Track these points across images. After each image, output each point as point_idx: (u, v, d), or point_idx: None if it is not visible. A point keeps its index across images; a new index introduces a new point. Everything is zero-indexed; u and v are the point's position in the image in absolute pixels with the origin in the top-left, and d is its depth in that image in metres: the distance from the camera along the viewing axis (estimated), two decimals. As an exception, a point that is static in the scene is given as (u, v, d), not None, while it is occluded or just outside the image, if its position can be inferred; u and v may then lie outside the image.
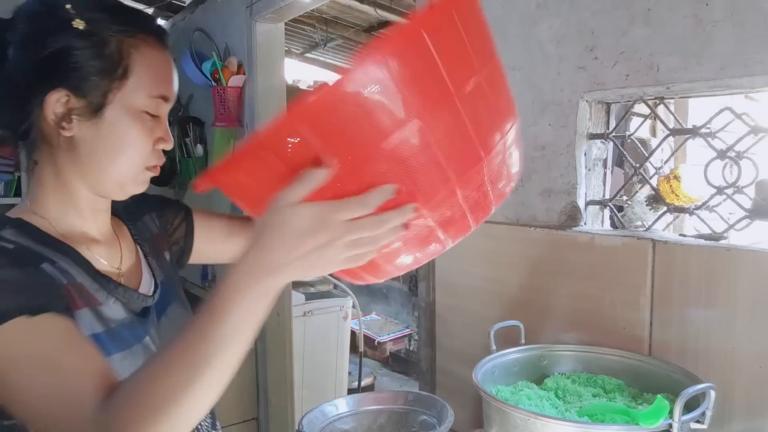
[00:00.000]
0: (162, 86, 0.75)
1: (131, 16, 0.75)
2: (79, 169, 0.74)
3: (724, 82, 0.90)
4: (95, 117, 0.71)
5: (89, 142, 0.72)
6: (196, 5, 2.93)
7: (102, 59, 0.70)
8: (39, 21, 0.71)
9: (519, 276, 1.23)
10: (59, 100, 0.70)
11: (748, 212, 0.94)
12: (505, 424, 0.78)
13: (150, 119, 0.75)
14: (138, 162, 0.75)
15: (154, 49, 0.75)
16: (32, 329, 0.61)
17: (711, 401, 0.74)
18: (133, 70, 0.72)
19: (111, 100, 0.71)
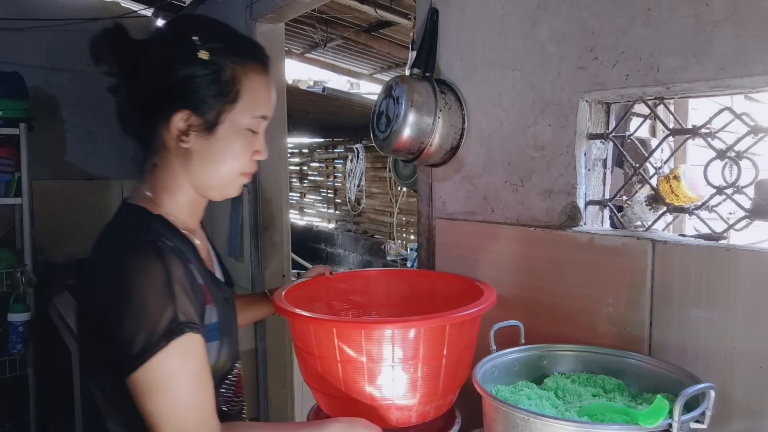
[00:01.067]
0: (263, 108, 0.88)
1: (243, 46, 0.88)
2: (189, 174, 0.88)
3: (724, 82, 0.90)
4: (209, 133, 0.84)
5: (201, 153, 0.86)
6: (197, 5, 2.93)
7: (219, 85, 0.83)
8: (170, 49, 0.83)
9: (519, 276, 1.23)
10: (182, 119, 0.83)
11: (747, 212, 0.94)
12: (505, 424, 0.78)
13: (251, 135, 0.88)
14: (237, 170, 0.89)
15: (260, 75, 0.87)
16: (195, 348, 0.78)
17: (711, 401, 0.74)
18: (242, 95, 0.85)
19: (223, 120, 0.84)
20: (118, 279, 0.76)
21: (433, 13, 1.44)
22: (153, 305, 0.75)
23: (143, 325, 0.74)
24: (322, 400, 1.06)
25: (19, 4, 3.06)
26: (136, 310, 0.74)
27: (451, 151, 1.39)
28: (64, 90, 3.23)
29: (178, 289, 0.77)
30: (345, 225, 5.11)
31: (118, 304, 0.75)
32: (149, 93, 0.84)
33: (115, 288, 0.77)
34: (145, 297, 0.75)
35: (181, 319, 0.76)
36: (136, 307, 0.74)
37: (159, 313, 0.74)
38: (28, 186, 2.68)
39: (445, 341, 0.96)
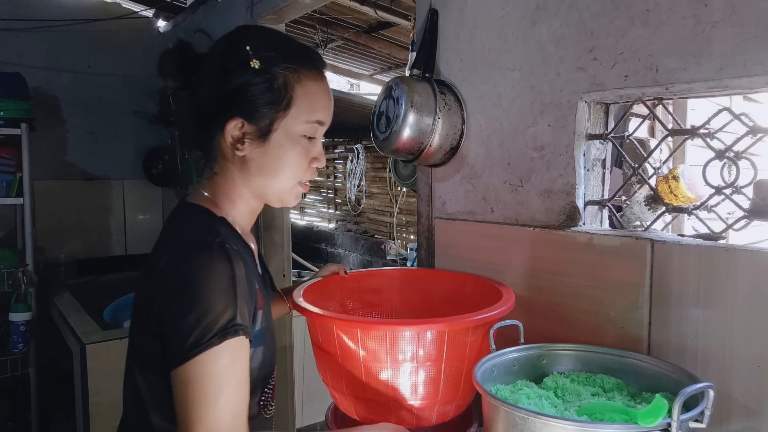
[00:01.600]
0: (318, 113, 0.88)
1: (296, 53, 0.87)
2: (247, 182, 0.89)
3: (723, 83, 0.91)
4: (263, 141, 0.85)
5: (257, 161, 0.86)
6: (197, 6, 2.94)
7: (271, 93, 0.84)
8: (225, 60, 0.85)
9: (518, 276, 1.24)
10: (236, 127, 0.85)
11: (746, 212, 0.95)
12: (505, 423, 0.78)
13: (307, 141, 0.88)
14: (294, 178, 0.89)
15: (314, 81, 0.87)
16: (244, 354, 0.78)
17: (710, 400, 0.74)
18: (295, 102, 0.85)
19: (276, 127, 0.85)
20: (186, 275, 0.77)
21: (433, 14, 1.44)
22: (216, 304, 0.75)
23: (203, 321, 0.74)
24: (342, 400, 1.06)
25: (20, 5, 3.06)
26: (199, 306, 0.75)
27: (451, 151, 1.39)
28: (65, 90, 3.24)
29: (240, 291, 0.78)
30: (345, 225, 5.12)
31: (182, 299, 0.76)
32: (207, 103, 0.86)
33: (182, 284, 0.77)
34: (210, 295, 0.76)
35: (238, 321, 0.76)
36: (200, 303, 0.75)
37: (220, 311, 0.75)
38: (29, 186, 2.68)
39: (468, 342, 0.97)
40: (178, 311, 0.76)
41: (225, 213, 0.89)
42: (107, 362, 2.00)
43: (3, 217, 2.95)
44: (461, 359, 0.97)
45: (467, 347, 0.97)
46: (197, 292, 0.75)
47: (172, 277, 0.79)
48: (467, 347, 0.97)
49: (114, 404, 1.99)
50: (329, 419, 1.11)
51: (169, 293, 0.78)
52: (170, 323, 0.77)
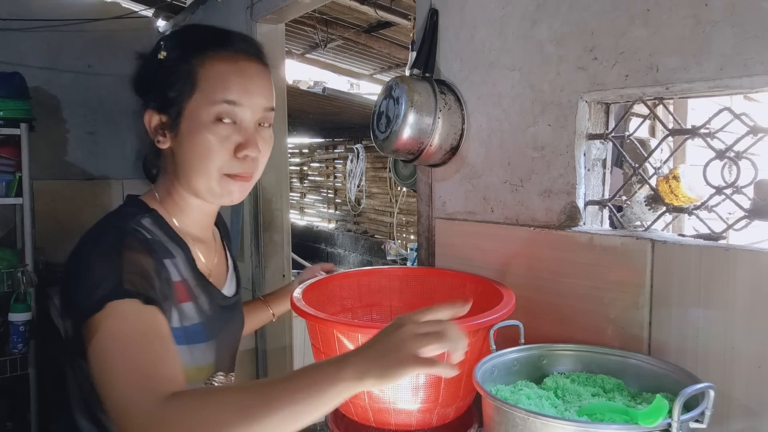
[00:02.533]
0: (226, 92, 0.82)
1: (206, 38, 0.86)
2: (177, 176, 0.86)
3: (723, 83, 0.90)
4: (175, 129, 0.84)
5: (177, 153, 0.85)
6: (197, 6, 2.93)
7: (173, 78, 0.83)
8: (147, 61, 0.89)
9: (518, 276, 1.24)
10: (150, 119, 0.86)
11: (747, 212, 0.94)
12: (505, 424, 0.78)
13: (224, 126, 0.82)
14: (216, 169, 0.83)
15: (222, 62, 0.83)
16: (140, 313, 0.71)
17: (710, 401, 0.74)
18: (198, 85, 0.82)
19: (184, 113, 0.83)
20: (74, 258, 0.77)
21: (433, 14, 1.44)
22: (96, 274, 0.72)
23: (84, 293, 0.71)
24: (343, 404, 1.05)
25: (20, 5, 3.06)
26: (80, 280, 0.72)
27: (451, 151, 1.39)
28: (65, 90, 3.24)
29: (127, 265, 0.74)
30: (345, 225, 5.11)
31: (68, 280, 0.75)
32: (140, 104, 0.88)
33: (70, 266, 0.76)
34: (91, 268, 0.73)
35: (125, 287, 0.71)
36: (81, 278, 0.73)
37: (100, 280, 0.71)
38: (29, 186, 2.68)
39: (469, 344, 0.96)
40: (66, 291, 0.76)
41: (165, 208, 0.89)
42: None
43: (3, 217, 2.95)
44: (462, 361, 0.97)
45: (468, 349, 0.97)
46: (79, 269, 0.74)
47: (67, 263, 0.78)
48: (468, 349, 0.97)
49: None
50: (329, 419, 1.11)
51: (63, 278, 0.78)
52: (63, 305, 0.77)
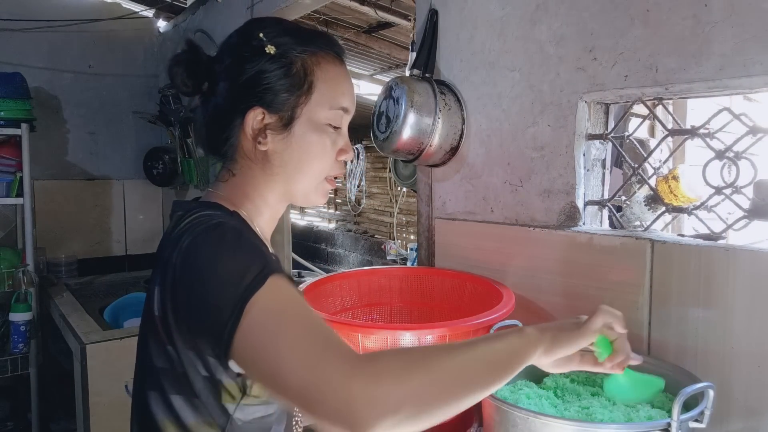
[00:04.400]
0: (342, 98, 0.82)
1: (312, 36, 0.82)
2: (271, 182, 0.82)
3: (722, 83, 0.91)
4: (286, 131, 0.79)
5: (281, 155, 0.80)
6: (198, 6, 2.94)
7: (290, 78, 0.78)
8: (238, 51, 0.79)
9: (518, 276, 1.24)
10: (256, 117, 0.78)
11: (746, 212, 0.95)
12: (505, 423, 0.78)
13: (333, 131, 0.81)
14: (321, 172, 0.82)
15: (334, 65, 0.82)
16: (294, 289, 0.67)
17: (710, 400, 0.74)
18: (316, 86, 0.79)
19: (299, 114, 0.79)
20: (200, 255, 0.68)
21: (433, 15, 1.44)
22: (241, 259, 0.66)
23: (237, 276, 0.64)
24: None
25: (21, 5, 3.07)
26: (226, 268, 0.65)
27: (451, 151, 1.39)
28: (65, 90, 3.24)
29: (264, 250, 0.71)
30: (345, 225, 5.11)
31: (203, 278, 0.66)
32: (223, 100, 0.80)
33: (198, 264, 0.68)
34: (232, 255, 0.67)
35: (273, 266, 0.66)
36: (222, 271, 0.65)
37: (250, 261, 0.66)
38: (29, 186, 2.68)
39: None
40: (200, 293, 0.66)
41: (242, 211, 0.81)
42: (107, 362, 2.00)
43: (3, 217, 2.95)
44: None
45: None
46: (213, 265, 0.66)
47: (186, 264, 0.69)
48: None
49: (114, 404, 2.00)
50: None
51: (182, 284, 0.69)
52: (197, 311, 0.67)
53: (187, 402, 0.71)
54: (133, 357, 0.82)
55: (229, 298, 0.63)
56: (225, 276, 0.64)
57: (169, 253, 0.70)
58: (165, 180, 3.35)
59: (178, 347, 0.69)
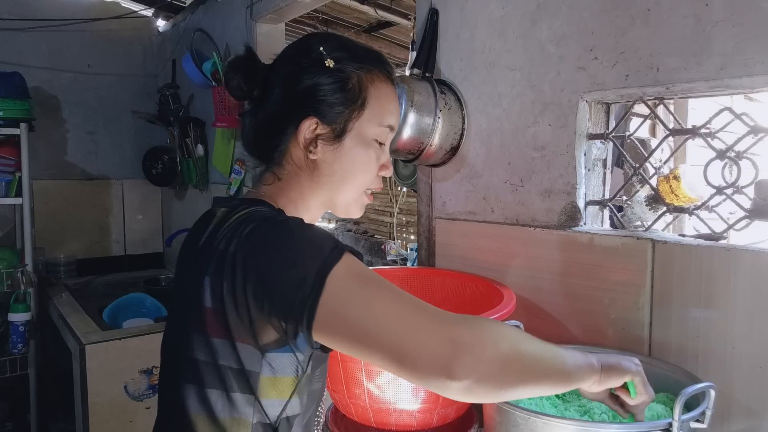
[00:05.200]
0: (391, 117, 0.85)
1: (368, 54, 0.85)
2: (317, 188, 0.83)
3: (723, 83, 0.90)
4: (337, 142, 0.81)
5: (329, 165, 0.82)
6: (197, 6, 2.93)
7: (346, 92, 0.80)
8: (297, 62, 0.82)
9: (519, 276, 1.24)
10: (309, 127, 0.80)
11: (747, 212, 0.94)
12: (506, 423, 0.78)
13: (378, 147, 0.84)
14: (364, 185, 0.85)
15: (386, 84, 0.85)
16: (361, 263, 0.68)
17: (711, 401, 0.74)
18: (369, 102, 0.82)
19: (351, 128, 0.81)
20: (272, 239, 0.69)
21: (433, 14, 1.44)
22: (314, 241, 0.68)
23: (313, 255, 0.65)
24: (342, 402, 1.05)
25: (20, 5, 3.06)
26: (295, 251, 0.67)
27: (451, 151, 1.39)
28: (64, 90, 3.24)
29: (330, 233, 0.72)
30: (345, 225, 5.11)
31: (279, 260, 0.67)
32: (278, 107, 0.82)
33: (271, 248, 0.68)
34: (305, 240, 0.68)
35: (344, 245, 0.68)
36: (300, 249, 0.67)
37: (322, 241, 0.68)
38: (28, 186, 2.68)
39: None
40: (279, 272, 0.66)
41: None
42: (106, 362, 2.00)
43: (2, 217, 2.94)
44: None
45: None
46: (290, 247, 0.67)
47: (256, 250, 0.69)
48: None
49: (113, 404, 2.00)
50: (329, 419, 1.11)
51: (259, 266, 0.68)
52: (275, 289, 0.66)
53: (222, 397, 0.71)
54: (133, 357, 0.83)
55: (309, 272, 0.64)
56: (301, 255, 0.66)
57: (226, 245, 0.70)
58: (164, 180, 3.34)
59: (233, 338, 0.69)
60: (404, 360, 0.60)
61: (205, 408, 0.72)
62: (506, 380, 0.62)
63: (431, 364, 0.59)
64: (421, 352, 0.60)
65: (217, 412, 0.71)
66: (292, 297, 0.64)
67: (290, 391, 0.72)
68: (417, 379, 0.61)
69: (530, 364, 0.65)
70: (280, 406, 0.72)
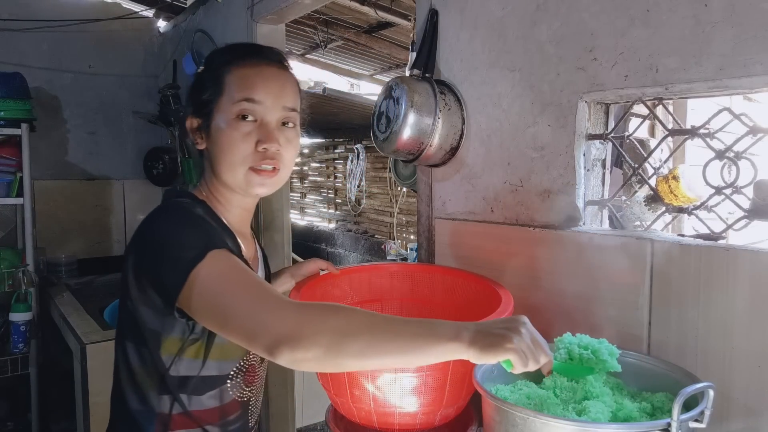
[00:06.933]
0: (247, 91, 0.91)
1: (235, 50, 0.96)
2: (214, 172, 0.96)
3: (723, 83, 0.91)
4: (208, 130, 0.94)
5: (211, 150, 0.95)
6: (198, 6, 2.94)
7: (206, 85, 0.94)
8: (193, 77, 1.00)
9: (518, 276, 1.24)
10: (190, 124, 0.97)
11: (746, 212, 0.95)
12: (505, 423, 0.78)
13: (248, 125, 0.92)
14: (241, 162, 0.92)
15: (244, 67, 0.93)
16: (232, 257, 0.83)
17: (710, 400, 0.74)
18: (225, 88, 0.92)
19: (214, 114, 0.93)
20: (154, 229, 0.85)
21: (433, 15, 1.44)
22: (187, 236, 0.82)
23: (182, 251, 0.80)
24: (343, 404, 1.05)
25: (21, 5, 3.07)
26: (173, 244, 0.81)
27: (451, 151, 1.39)
28: (65, 90, 3.24)
29: (210, 229, 0.85)
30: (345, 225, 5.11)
31: (157, 248, 0.83)
32: (185, 112, 0.99)
33: (152, 236, 0.85)
34: (180, 233, 0.83)
35: (216, 241, 0.83)
36: (173, 242, 0.81)
37: (195, 238, 0.82)
38: (29, 186, 2.68)
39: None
40: (155, 259, 0.83)
41: (212, 202, 0.97)
42: (107, 362, 1.98)
43: (3, 217, 2.95)
44: (466, 364, 0.97)
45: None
46: (165, 240, 0.82)
47: (142, 237, 0.86)
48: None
49: (114, 404, 2.00)
50: (329, 419, 1.11)
51: (142, 250, 0.86)
52: (152, 272, 0.83)
53: (135, 349, 0.89)
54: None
55: (177, 266, 0.79)
56: (173, 248, 0.81)
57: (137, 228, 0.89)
58: (165, 180, 3.35)
59: (135, 302, 0.86)
60: (254, 345, 0.74)
61: (125, 357, 0.91)
62: (337, 354, 0.71)
63: (271, 350, 0.72)
64: (263, 341, 0.73)
65: (132, 361, 0.90)
66: (163, 281, 0.81)
67: (177, 348, 0.87)
68: (265, 355, 0.74)
69: (358, 343, 0.71)
70: (169, 361, 0.88)
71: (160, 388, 0.89)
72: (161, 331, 0.87)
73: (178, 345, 0.88)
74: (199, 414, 0.92)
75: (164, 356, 0.88)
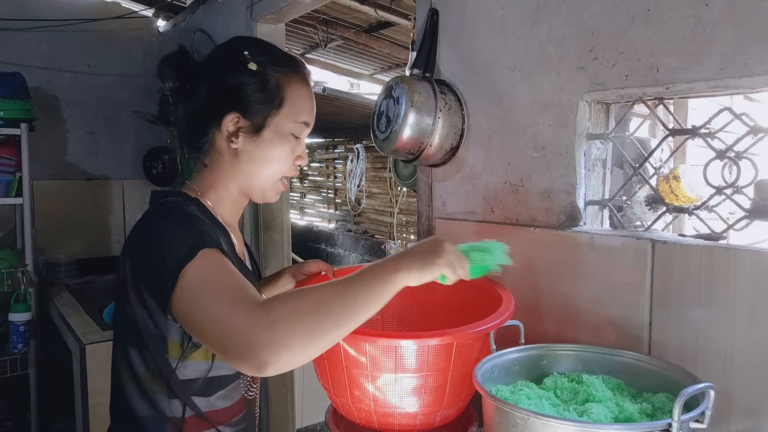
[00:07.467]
0: (305, 115, 0.98)
1: (286, 60, 0.98)
2: (237, 174, 0.97)
3: (723, 83, 0.90)
4: (256, 135, 0.94)
5: (248, 154, 0.95)
6: (197, 6, 2.94)
7: (265, 92, 0.93)
8: (224, 63, 0.96)
9: (519, 276, 1.23)
10: (232, 121, 0.94)
11: (747, 212, 0.94)
12: (505, 424, 0.78)
13: (294, 140, 0.97)
14: (279, 173, 0.98)
15: (301, 85, 0.97)
16: (221, 258, 0.82)
17: (710, 401, 0.74)
18: (286, 102, 0.94)
19: (269, 123, 0.94)
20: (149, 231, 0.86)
21: (433, 14, 1.44)
22: (179, 235, 0.82)
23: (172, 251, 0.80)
24: (343, 405, 1.05)
25: (20, 5, 3.06)
26: (164, 246, 0.81)
27: (451, 151, 1.39)
28: (65, 90, 3.24)
29: (201, 227, 0.85)
30: (345, 225, 5.11)
31: (149, 249, 0.84)
32: (205, 102, 0.95)
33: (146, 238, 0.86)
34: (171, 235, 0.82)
35: (206, 240, 0.82)
36: (164, 243, 0.81)
37: (183, 238, 0.81)
38: (29, 186, 2.68)
39: (472, 349, 0.97)
40: (149, 260, 0.83)
41: (205, 199, 0.96)
42: (107, 362, 1.98)
43: (3, 217, 2.95)
44: (467, 365, 0.97)
45: (471, 353, 0.97)
46: (158, 240, 0.83)
47: (137, 239, 0.88)
48: (471, 353, 0.97)
49: (114, 404, 1.99)
50: (329, 420, 1.11)
51: (137, 253, 0.87)
52: (147, 274, 0.84)
53: (139, 353, 0.88)
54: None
55: (168, 266, 0.78)
56: (165, 248, 0.81)
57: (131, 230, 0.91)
58: (164, 180, 3.34)
59: (134, 307, 0.86)
60: (225, 356, 0.73)
61: (128, 364, 0.89)
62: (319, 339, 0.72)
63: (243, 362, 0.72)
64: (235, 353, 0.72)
65: (137, 367, 0.88)
66: (155, 286, 0.81)
67: (179, 352, 0.87)
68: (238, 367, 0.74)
69: (336, 315, 0.73)
70: (175, 364, 0.87)
71: (169, 392, 0.88)
72: (164, 334, 0.86)
73: (181, 348, 0.87)
74: (212, 415, 0.92)
75: (171, 359, 0.87)
